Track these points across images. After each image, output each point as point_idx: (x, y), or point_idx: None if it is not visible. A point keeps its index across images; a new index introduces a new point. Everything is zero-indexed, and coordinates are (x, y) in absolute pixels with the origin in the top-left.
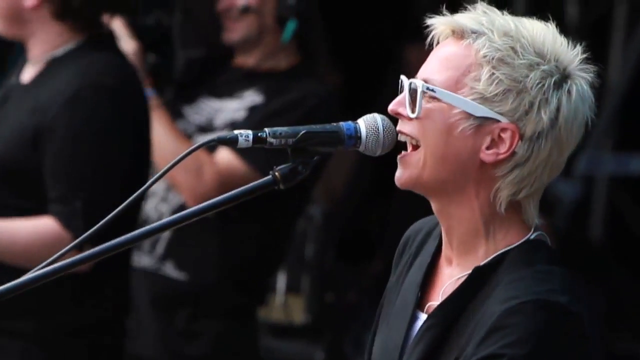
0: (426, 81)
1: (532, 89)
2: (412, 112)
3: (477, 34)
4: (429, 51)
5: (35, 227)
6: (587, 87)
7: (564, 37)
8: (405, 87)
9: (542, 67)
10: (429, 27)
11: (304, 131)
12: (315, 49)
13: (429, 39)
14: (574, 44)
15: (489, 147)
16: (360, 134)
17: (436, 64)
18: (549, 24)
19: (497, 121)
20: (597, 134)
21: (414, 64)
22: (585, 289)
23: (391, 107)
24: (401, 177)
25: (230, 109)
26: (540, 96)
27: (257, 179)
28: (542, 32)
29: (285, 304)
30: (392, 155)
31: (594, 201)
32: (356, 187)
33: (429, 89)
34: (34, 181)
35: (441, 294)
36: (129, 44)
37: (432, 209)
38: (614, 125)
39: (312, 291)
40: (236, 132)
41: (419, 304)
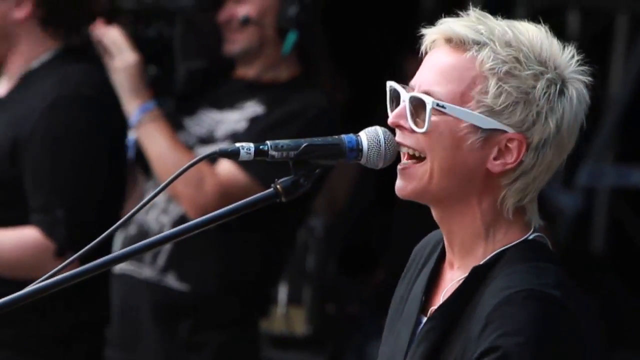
0: (428, 93)
1: (539, 99)
2: (416, 124)
3: (479, 44)
4: (421, 57)
5: (18, 237)
6: (584, 89)
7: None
8: (405, 99)
9: (547, 76)
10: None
11: (305, 144)
12: (316, 60)
13: (422, 48)
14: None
15: (496, 157)
16: (362, 146)
17: (436, 75)
18: (539, 26)
19: (504, 132)
20: (598, 145)
21: (414, 74)
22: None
23: (391, 119)
24: (405, 188)
25: (231, 120)
26: (546, 105)
27: (258, 190)
28: (537, 37)
29: (286, 315)
30: (394, 167)
31: (595, 213)
32: (358, 199)
33: (439, 105)
34: (15, 192)
35: (442, 296)
36: (130, 56)
37: (434, 221)
38: (615, 137)
39: (314, 302)
40: (238, 144)
41: (423, 309)
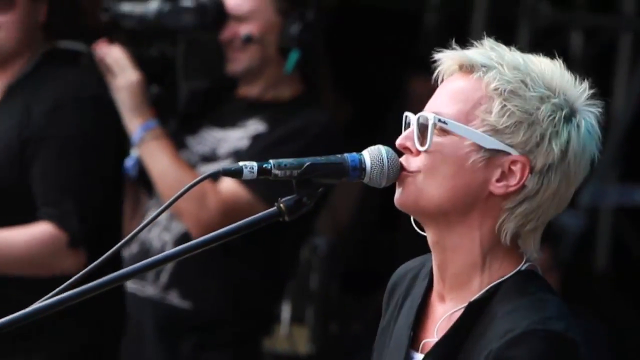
0: (436, 114)
1: (543, 121)
2: (422, 145)
3: (487, 67)
4: (434, 84)
5: (30, 233)
6: (595, 123)
7: (570, 71)
8: (413, 122)
9: (553, 100)
10: (435, 61)
11: (308, 163)
12: (318, 79)
13: (435, 75)
14: (581, 80)
15: (499, 179)
16: (365, 165)
17: (445, 98)
18: (555, 61)
19: (507, 154)
20: (601, 165)
21: (418, 95)
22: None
23: (399, 141)
24: (401, 198)
25: (233, 138)
26: (551, 128)
27: (261, 208)
28: (550, 68)
29: (289, 334)
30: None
31: (599, 232)
32: (362, 218)
33: (440, 120)
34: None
35: (436, 331)
36: (133, 74)
37: None
38: (619, 156)
39: (317, 322)
40: (241, 163)
41: (412, 343)
